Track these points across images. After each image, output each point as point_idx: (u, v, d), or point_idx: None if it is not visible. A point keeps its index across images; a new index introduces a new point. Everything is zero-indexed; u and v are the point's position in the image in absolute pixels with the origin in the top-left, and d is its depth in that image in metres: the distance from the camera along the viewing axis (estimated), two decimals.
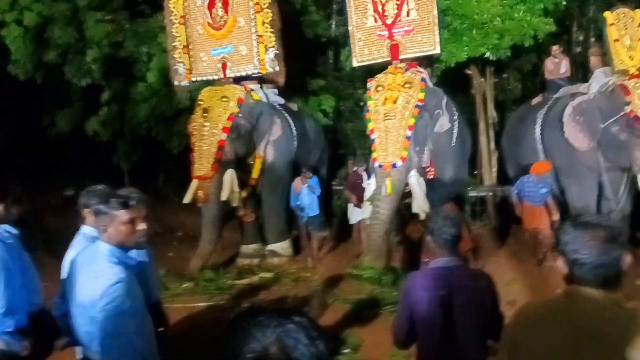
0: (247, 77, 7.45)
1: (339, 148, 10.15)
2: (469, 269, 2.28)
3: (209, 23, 7.41)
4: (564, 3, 7.83)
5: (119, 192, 2.44)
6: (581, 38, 10.46)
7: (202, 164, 6.73)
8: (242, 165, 7.36)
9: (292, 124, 7.90)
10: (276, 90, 8.01)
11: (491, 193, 9.39)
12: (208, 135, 6.78)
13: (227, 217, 7.97)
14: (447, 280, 2.22)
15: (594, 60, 7.42)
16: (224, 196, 6.78)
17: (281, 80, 7.58)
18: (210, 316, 5.47)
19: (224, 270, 7.08)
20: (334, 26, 10.79)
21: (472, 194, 9.33)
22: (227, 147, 6.85)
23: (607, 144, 6.44)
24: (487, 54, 8.05)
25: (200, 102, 7.08)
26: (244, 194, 7.29)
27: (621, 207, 6.62)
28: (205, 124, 6.83)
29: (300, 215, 7.47)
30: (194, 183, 6.78)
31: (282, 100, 8.07)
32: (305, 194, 7.42)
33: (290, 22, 9.17)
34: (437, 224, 2.28)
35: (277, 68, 7.25)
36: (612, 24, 6.50)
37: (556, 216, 6.80)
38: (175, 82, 7.62)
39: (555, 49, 8.18)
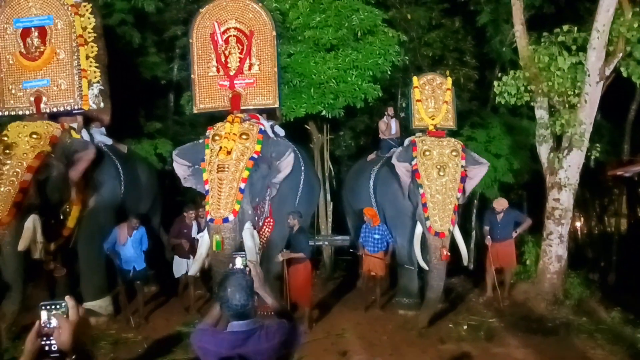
0: (68, 114, 6.70)
1: (178, 195, 9.64)
2: (267, 328, 2.19)
3: (21, 53, 6.63)
4: (389, 73, 8.75)
5: None
6: (405, 104, 11.80)
7: None
8: (54, 213, 6.43)
9: (120, 167, 7.25)
10: (103, 130, 7.33)
11: (327, 243, 9.75)
12: (8, 175, 5.80)
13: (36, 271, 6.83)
14: (241, 346, 2.12)
15: None
16: (21, 246, 5.76)
17: (106, 118, 7.01)
18: None
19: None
20: (175, 69, 10.52)
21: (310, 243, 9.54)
22: (31, 189, 5.93)
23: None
24: (324, 112, 8.58)
25: (5, 138, 6.10)
26: (52, 246, 6.32)
27: None
28: (7, 162, 5.87)
29: (124, 268, 6.72)
30: None
31: (109, 141, 7.40)
32: (131, 246, 6.75)
33: (124, 61, 8.66)
34: (226, 294, 2.16)
35: (102, 105, 6.68)
36: (416, 87, 7.70)
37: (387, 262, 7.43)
38: None
39: (388, 111, 8.99)
